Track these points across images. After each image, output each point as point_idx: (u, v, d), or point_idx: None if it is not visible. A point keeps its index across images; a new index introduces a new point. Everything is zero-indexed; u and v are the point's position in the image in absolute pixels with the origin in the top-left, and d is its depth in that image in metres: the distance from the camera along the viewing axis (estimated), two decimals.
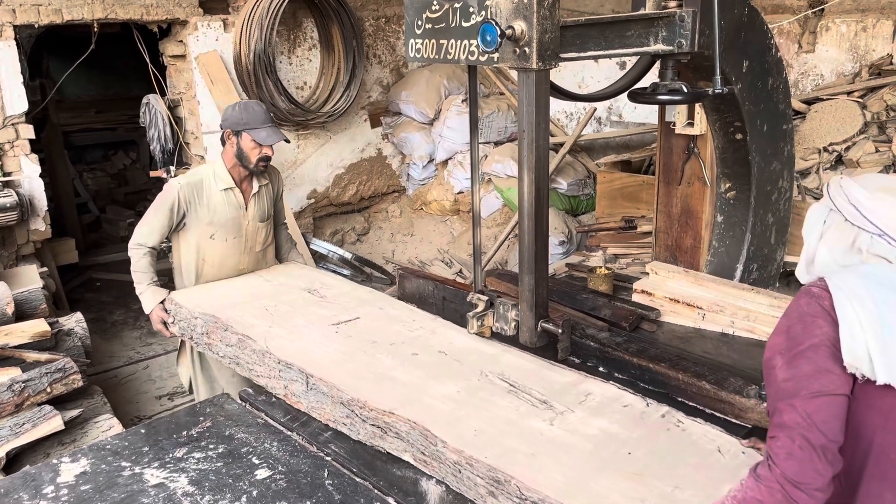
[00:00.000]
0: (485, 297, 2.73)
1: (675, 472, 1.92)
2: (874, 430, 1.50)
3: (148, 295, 3.25)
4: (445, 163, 6.89)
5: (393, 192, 7.25)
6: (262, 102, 3.91)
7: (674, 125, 3.42)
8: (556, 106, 6.71)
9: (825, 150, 4.08)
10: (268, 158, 3.33)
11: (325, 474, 2.18)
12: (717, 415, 2.44)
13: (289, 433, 2.42)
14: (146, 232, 3.27)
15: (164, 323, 3.23)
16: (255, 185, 3.42)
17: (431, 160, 6.94)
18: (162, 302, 3.23)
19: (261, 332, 2.78)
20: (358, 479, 2.16)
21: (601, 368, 2.78)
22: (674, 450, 2.03)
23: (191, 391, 3.59)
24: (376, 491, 2.10)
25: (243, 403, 2.64)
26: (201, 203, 3.30)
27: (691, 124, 3.34)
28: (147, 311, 3.26)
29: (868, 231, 1.55)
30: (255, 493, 2.09)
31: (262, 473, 2.18)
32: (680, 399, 2.53)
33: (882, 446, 1.50)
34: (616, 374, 2.73)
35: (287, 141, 3.44)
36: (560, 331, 2.52)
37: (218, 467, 2.22)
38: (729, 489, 1.60)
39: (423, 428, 2.11)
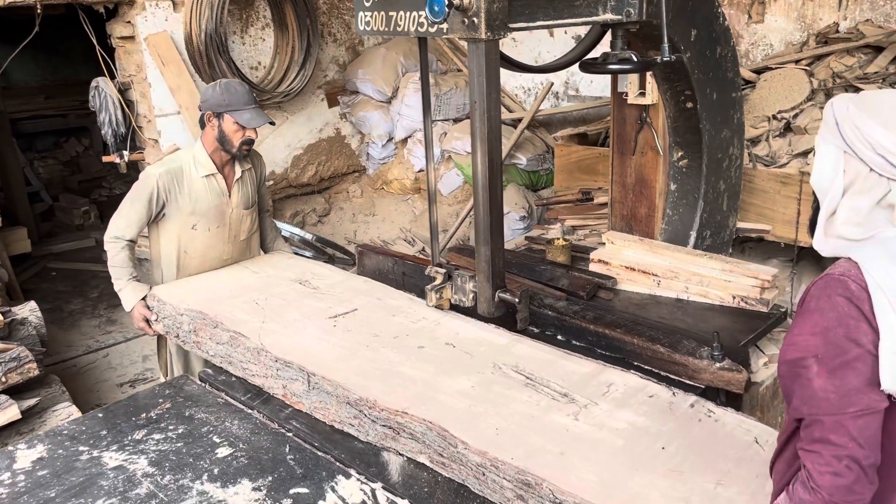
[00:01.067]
0: (443, 270, 2.75)
1: (715, 467, 1.83)
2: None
3: (128, 291, 3.10)
4: (405, 141, 6.87)
5: (353, 172, 7.21)
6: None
7: (626, 95, 3.45)
8: (514, 82, 6.72)
9: (774, 117, 4.16)
10: (251, 142, 3.18)
11: (287, 449, 2.19)
12: (672, 377, 2.50)
13: (249, 411, 2.42)
14: (123, 225, 3.09)
15: (147, 321, 3.09)
16: (238, 170, 3.26)
17: (391, 139, 6.90)
18: (143, 298, 3.09)
19: (253, 329, 2.66)
20: (319, 453, 2.17)
21: (559, 336, 2.83)
22: (709, 442, 1.94)
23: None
24: (338, 463, 2.12)
25: (203, 384, 2.62)
26: (182, 192, 3.13)
27: (643, 94, 3.38)
28: (128, 309, 3.12)
29: None
30: (216, 470, 2.09)
31: (223, 451, 2.18)
32: (636, 363, 2.59)
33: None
34: (574, 342, 2.77)
35: (272, 123, 3.32)
36: (517, 300, 2.55)
37: (178, 447, 2.21)
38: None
39: (441, 428, 2.00)
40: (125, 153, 5.49)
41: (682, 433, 1.98)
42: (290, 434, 2.27)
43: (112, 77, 5.51)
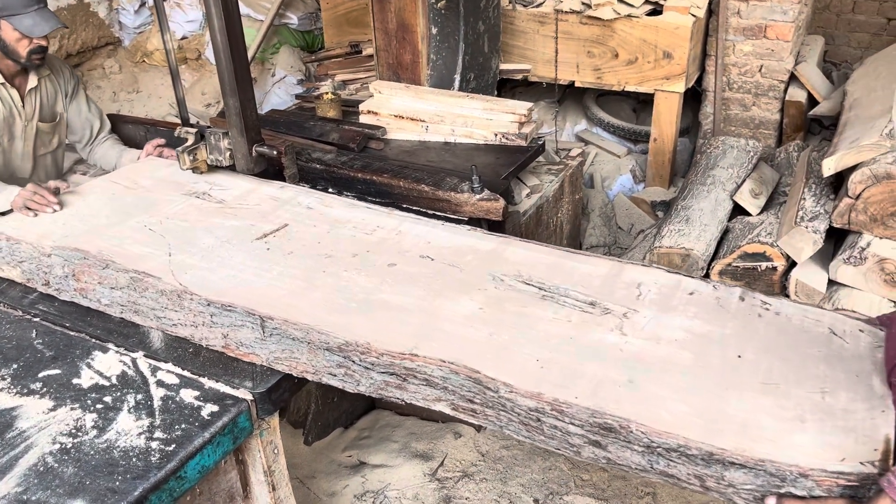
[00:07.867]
0: (193, 130, 2.57)
1: (809, 373, 1.59)
2: None
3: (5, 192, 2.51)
4: None
5: (106, 44, 6.45)
6: None
7: None
8: None
9: None
10: (43, 49, 2.71)
11: (34, 335, 2.01)
12: (439, 214, 2.58)
13: None
14: None
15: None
16: (33, 78, 2.85)
17: (143, 3, 6.22)
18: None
19: (161, 265, 2.04)
20: (72, 333, 2.02)
21: (330, 189, 2.79)
22: (784, 342, 1.70)
23: None
24: (94, 340, 1.99)
25: None
26: None
27: None
28: (11, 200, 2.44)
29: None
30: None
31: None
32: (404, 206, 2.64)
33: None
34: (345, 193, 2.76)
35: (65, 27, 2.79)
36: (275, 153, 2.47)
37: None
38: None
39: (470, 369, 1.61)
40: None
41: (750, 334, 1.73)
42: (36, 319, 2.08)
43: None
